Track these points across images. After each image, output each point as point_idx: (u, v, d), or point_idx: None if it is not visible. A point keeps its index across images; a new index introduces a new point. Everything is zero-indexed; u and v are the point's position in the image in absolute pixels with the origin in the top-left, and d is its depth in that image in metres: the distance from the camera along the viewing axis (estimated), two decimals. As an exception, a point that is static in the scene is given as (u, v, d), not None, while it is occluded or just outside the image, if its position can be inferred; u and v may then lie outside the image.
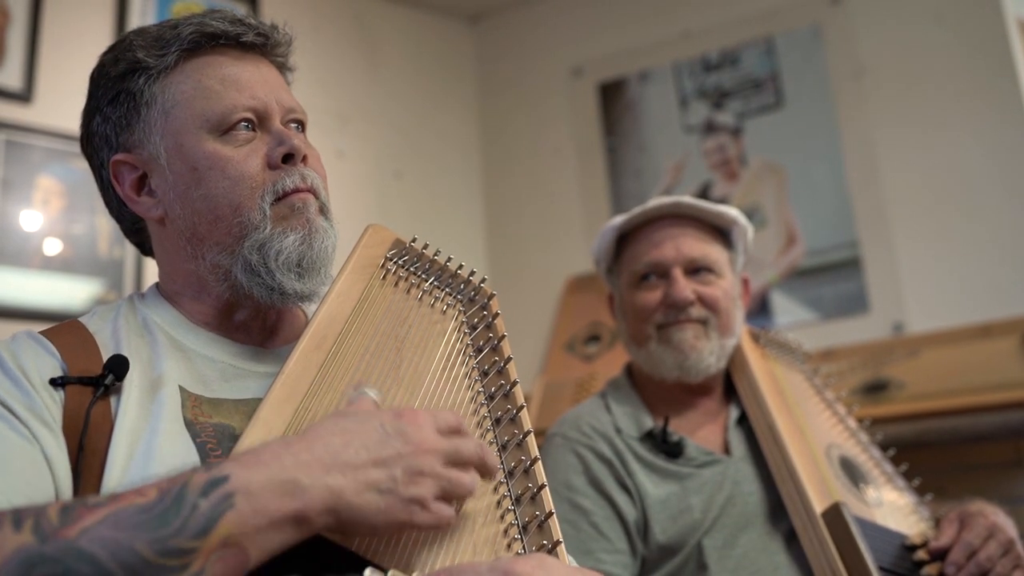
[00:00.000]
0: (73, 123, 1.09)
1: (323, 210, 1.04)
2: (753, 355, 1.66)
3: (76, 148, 1.14)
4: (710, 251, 1.61)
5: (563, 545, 0.90)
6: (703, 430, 1.60)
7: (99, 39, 2.61)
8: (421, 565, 0.81)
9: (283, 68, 1.11)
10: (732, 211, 1.64)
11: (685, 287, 1.56)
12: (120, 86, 1.02)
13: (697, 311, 1.57)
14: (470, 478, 0.83)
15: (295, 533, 0.72)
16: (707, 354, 1.56)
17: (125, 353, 0.94)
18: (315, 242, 1.01)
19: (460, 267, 1.14)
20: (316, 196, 1.03)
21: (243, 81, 1.02)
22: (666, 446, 1.53)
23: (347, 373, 0.93)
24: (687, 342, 1.55)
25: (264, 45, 1.07)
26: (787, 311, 2.88)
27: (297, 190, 1.00)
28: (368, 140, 3.23)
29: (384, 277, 1.07)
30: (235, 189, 0.98)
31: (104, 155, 1.05)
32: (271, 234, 0.98)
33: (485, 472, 0.86)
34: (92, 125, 1.06)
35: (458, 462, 0.82)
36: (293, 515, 0.71)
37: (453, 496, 0.81)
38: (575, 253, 3.21)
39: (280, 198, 1.00)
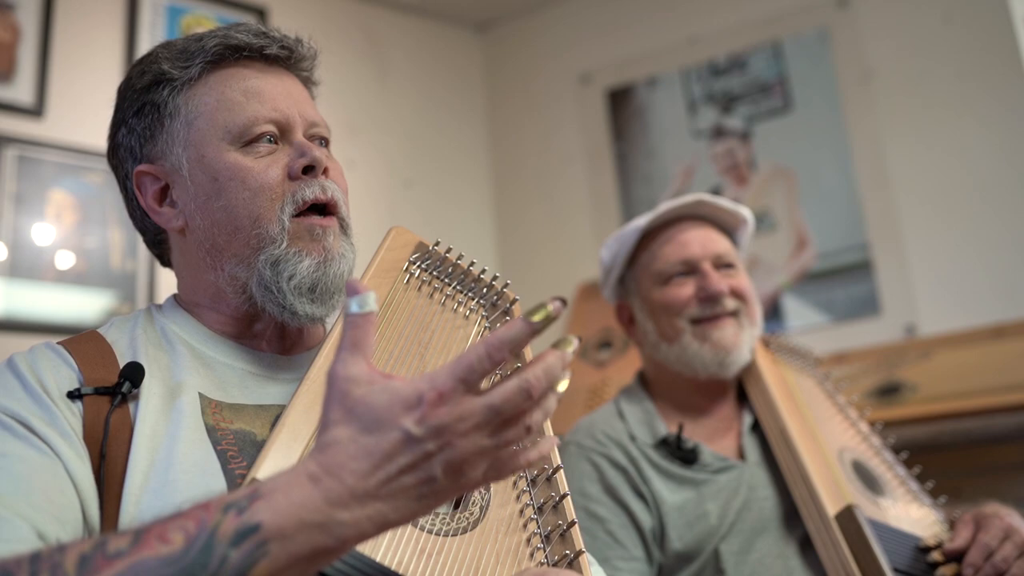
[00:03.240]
0: (84, 137, 1.10)
1: (344, 227, 1.04)
2: (764, 361, 1.66)
3: (88, 162, 1.14)
4: (729, 247, 1.67)
5: (586, 555, 0.90)
6: (717, 436, 1.61)
7: (109, 54, 2.63)
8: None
9: (307, 82, 1.11)
10: (744, 209, 1.69)
11: (719, 279, 1.60)
12: (145, 98, 1.04)
13: (730, 302, 1.60)
14: (523, 428, 0.72)
15: (330, 561, 0.69)
16: (745, 348, 1.60)
17: (142, 362, 0.94)
18: (330, 268, 1.00)
19: (483, 271, 1.12)
20: (336, 209, 1.03)
21: (266, 93, 1.02)
22: (681, 452, 1.54)
23: None
24: (728, 339, 1.58)
25: (288, 58, 1.07)
26: (799, 315, 2.88)
27: (317, 200, 1.00)
28: (378, 149, 3.24)
29: (408, 281, 1.05)
30: (255, 200, 0.98)
31: (128, 166, 1.06)
32: (286, 252, 0.98)
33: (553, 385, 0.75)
34: (118, 137, 1.07)
35: (505, 420, 0.71)
36: (330, 550, 0.68)
37: (507, 470, 0.72)
38: (585, 259, 3.21)
39: (300, 211, 1.00)
